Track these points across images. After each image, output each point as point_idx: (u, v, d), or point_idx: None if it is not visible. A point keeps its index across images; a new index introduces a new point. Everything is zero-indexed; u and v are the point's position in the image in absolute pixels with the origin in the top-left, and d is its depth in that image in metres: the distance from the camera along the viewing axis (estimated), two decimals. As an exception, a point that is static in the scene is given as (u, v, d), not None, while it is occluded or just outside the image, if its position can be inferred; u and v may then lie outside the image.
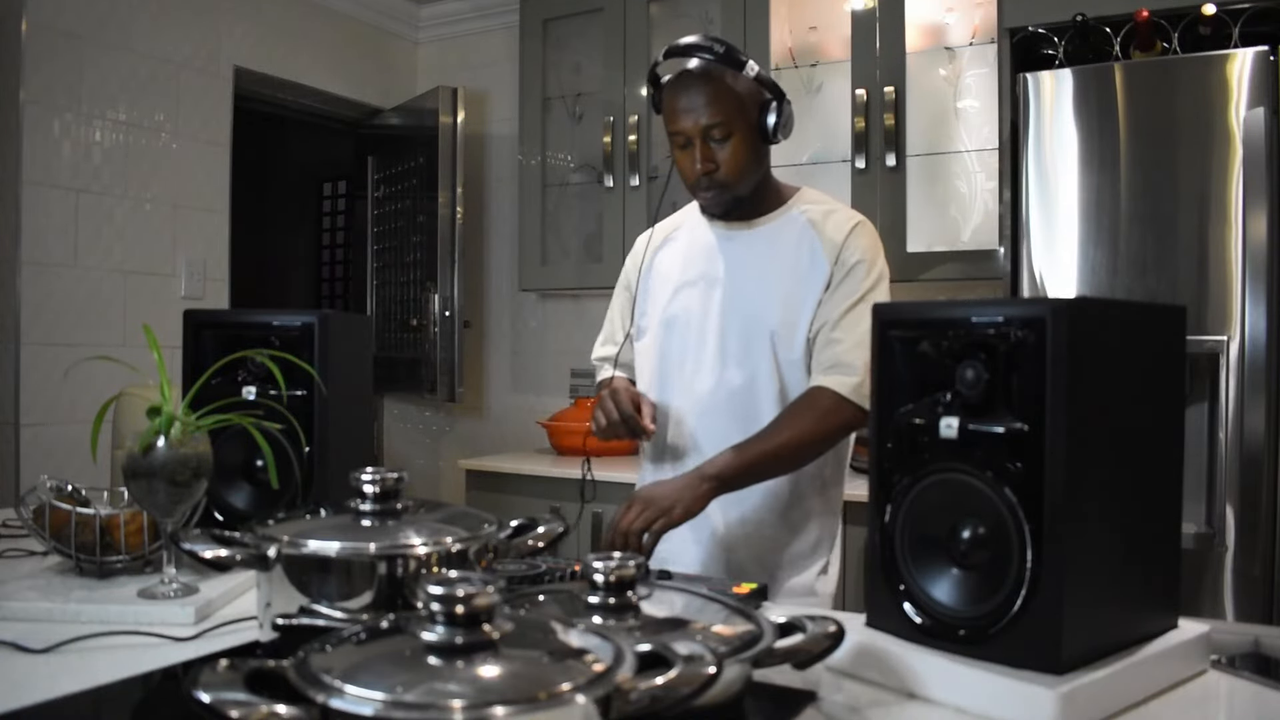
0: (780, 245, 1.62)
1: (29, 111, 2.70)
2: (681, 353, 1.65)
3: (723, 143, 1.53)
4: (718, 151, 1.54)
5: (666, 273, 1.71)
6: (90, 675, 0.94)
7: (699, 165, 1.54)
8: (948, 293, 2.79)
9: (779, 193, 1.66)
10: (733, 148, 1.54)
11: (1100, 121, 2.25)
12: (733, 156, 1.54)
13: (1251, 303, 2.08)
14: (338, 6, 3.68)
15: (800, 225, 1.62)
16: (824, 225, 1.61)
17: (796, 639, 0.83)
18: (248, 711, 0.57)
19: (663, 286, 1.71)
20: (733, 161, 1.54)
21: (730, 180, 1.56)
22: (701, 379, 1.62)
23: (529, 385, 3.81)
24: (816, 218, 1.62)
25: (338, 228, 5.09)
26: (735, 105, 1.52)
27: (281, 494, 1.36)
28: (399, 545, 0.87)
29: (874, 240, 1.62)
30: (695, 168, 1.54)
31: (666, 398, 1.66)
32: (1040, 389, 0.85)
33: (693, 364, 1.64)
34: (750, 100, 1.54)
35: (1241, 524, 2.09)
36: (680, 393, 1.65)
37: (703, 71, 1.52)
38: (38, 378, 2.72)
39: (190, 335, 1.47)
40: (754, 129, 1.55)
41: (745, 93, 1.54)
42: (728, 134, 1.53)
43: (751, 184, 1.60)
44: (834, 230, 1.60)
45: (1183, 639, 0.95)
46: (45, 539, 1.25)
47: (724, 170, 1.55)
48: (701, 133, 1.52)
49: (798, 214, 1.63)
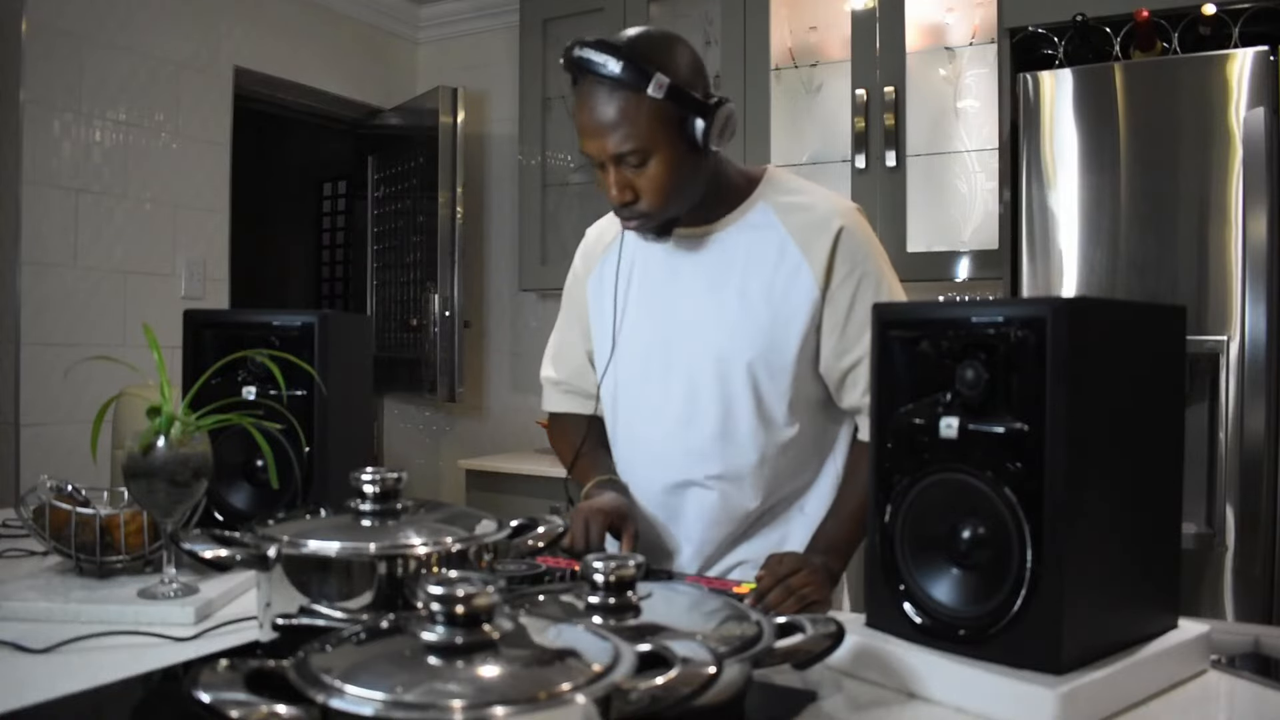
0: (745, 250, 1.38)
1: (29, 111, 2.70)
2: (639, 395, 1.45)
3: (640, 168, 1.28)
4: (636, 179, 1.29)
5: (610, 288, 1.48)
6: (90, 675, 0.93)
7: (614, 192, 1.30)
8: (948, 293, 2.79)
9: (737, 189, 1.41)
10: (653, 172, 1.28)
11: (1100, 121, 2.25)
12: (654, 182, 1.29)
13: (1251, 303, 2.08)
14: (338, 6, 3.68)
15: (768, 222, 1.38)
16: (800, 225, 1.37)
17: (796, 639, 0.83)
18: (248, 711, 0.57)
19: (606, 307, 1.48)
20: (655, 188, 1.29)
21: (654, 208, 1.31)
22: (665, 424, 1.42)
23: (529, 385, 3.80)
24: (788, 212, 1.38)
25: (338, 228, 5.09)
26: (647, 126, 1.25)
27: (281, 494, 1.36)
28: (399, 545, 0.87)
29: (868, 236, 1.40)
30: (613, 193, 1.31)
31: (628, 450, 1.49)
32: (1040, 389, 0.85)
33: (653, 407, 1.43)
34: (667, 116, 1.26)
35: (1241, 524, 2.09)
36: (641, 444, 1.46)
37: (603, 88, 1.26)
38: (38, 378, 2.72)
39: (190, 335, 1.47)
40: (678, 145, 1.28)
41: (657, 110, 1.25)
42: (644, 159, 1.27)
43: (690, 199, 1.35)
44: (815, 233, 1.36)
45: (1183, 639, 0.95)
46: (45, 539, 1.25)
47: (646, 200, 1.30)
48: (613, 159, 1.28)
49: (763, 207, 1.39)
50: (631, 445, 1.49)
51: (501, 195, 3.87)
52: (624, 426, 1.50)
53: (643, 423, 1.46)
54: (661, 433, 1.43)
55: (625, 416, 1.49)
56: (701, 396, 1.40)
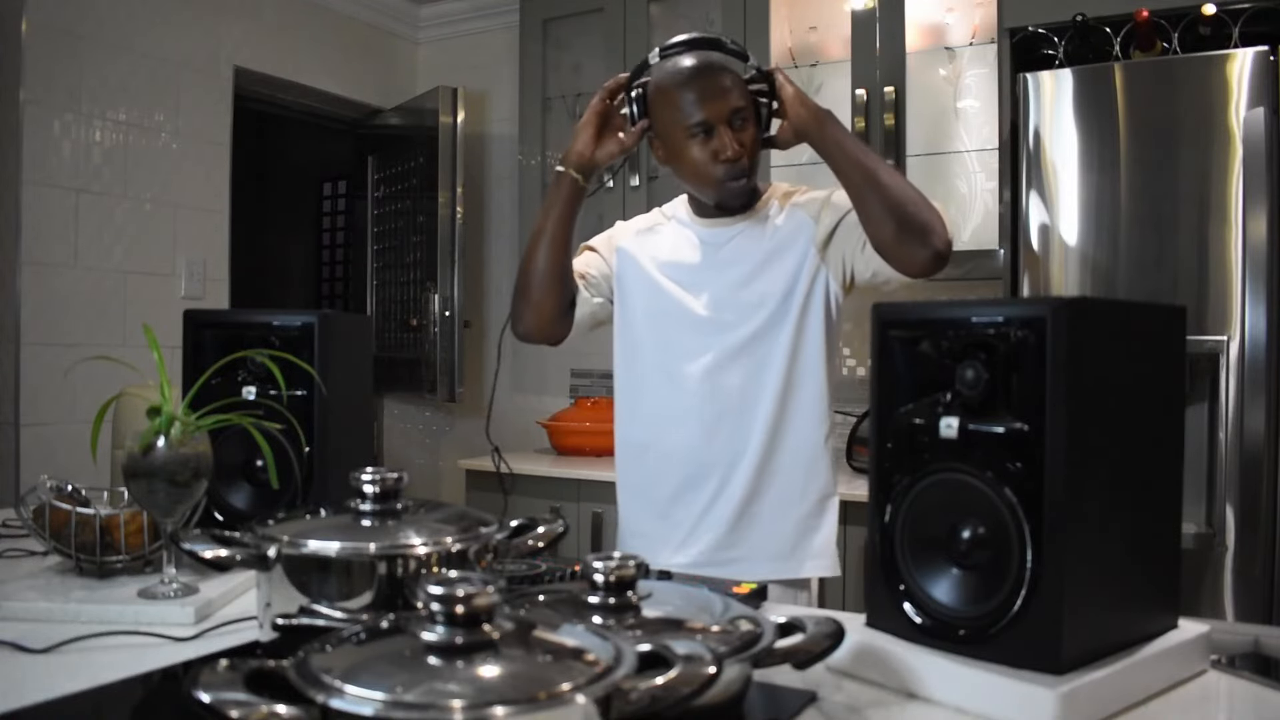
0: (763, 228, 1.62)
1: (29, 111, 2.70)
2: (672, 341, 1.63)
3: (743, 129, 1.53)
4: (742, 136, 1.53)
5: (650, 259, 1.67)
6: (90, 675, 0.93)
7: (730, 151, 1.52)
8: (948, 293, 2.79)
9: (757, 190, 1.66)
10: (751, 135, 1.55)
11: (1100, 121, 2.25)
12: (752, 143, 1.55)
13: (1251, 303, 2.08)
14: (338, 6, 3.68)
15: (777, 207, 1.63)
16: (800, 198, 1.63)
17: (796, 639, 0.83)
18: (248, 711, 0.57)
19: (643, 275, 1.67)
20: (753, 148, 1.56)
21: (752, 167, 1.57)
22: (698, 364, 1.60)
23: (529, 385, 3.81)
24: (792, 197, 1.64)
25: (338, 228, 5.09)
26: (749, 95, 1.55)
27: (281, 494, 1.36)
28: (399, 545, 0.87)
29: None
30: (726, 153, 1.52)
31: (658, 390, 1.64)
32: (1040, 389, 0.85)
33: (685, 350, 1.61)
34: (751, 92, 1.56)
35: (1241, 524, 2.09)
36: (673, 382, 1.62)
37: (721, 62, 1.54)
38: (38, 378, 2.72)
39: (190, 335, 1.47)
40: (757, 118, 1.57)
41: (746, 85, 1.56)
42: (746, 121, 1.54)
43: (756, 173, 1.60)
44: (811, 197, 1.62)
45: (1183, 639, 0.95)
46: (45, 539, 1.25)
47: (749, 156, 1.55)
48: (728, 117, 1.52)
49: (774, 201, 1.64)
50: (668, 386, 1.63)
51: (501, 195, 3.87)
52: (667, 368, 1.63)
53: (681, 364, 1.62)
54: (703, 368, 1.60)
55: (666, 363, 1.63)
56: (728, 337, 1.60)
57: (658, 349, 1.64)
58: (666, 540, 1.61)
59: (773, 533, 1.58)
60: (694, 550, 1.60)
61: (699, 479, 1.60)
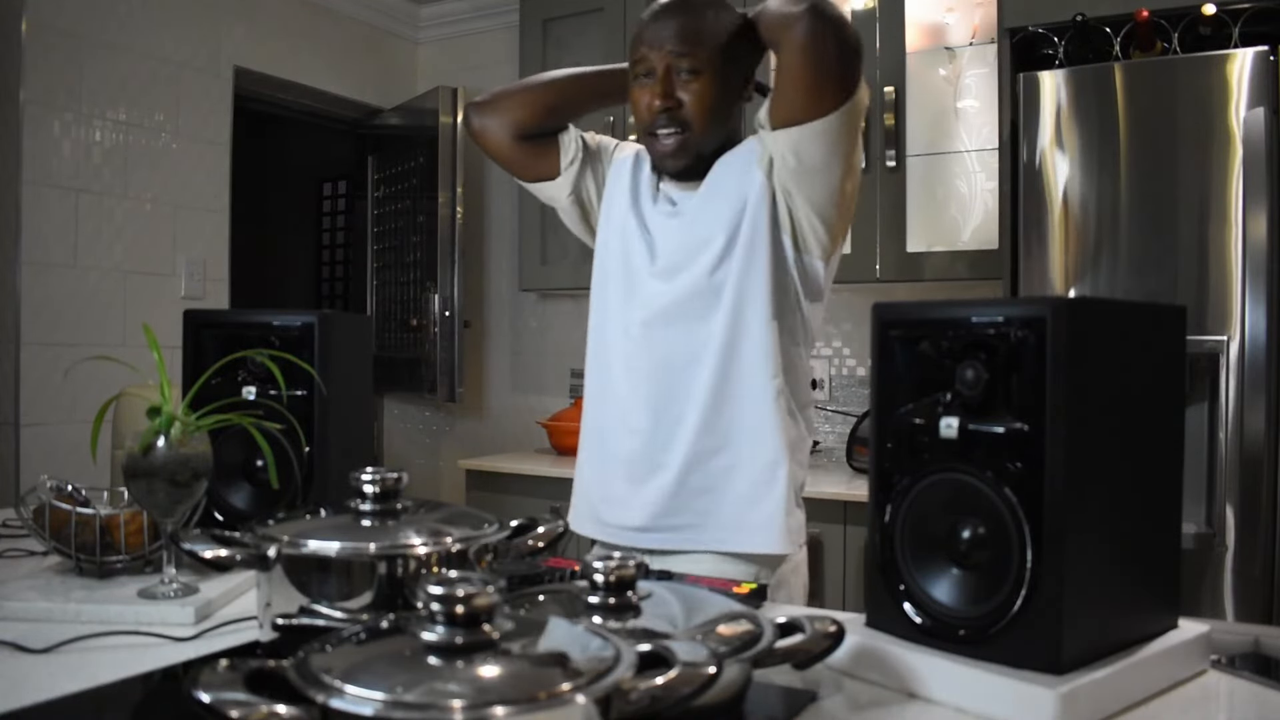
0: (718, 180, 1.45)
1: (29, 111, 2.70)
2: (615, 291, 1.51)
3: (690, 78, 1.37)
4: (682, 87, 1.37)
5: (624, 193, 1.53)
6: (90, 675, 0.93)
7: (657, 101, 1.37)
8: (948, 293, 2.79)
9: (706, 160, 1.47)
10: (700, 87, 1.37)
11: (1100, 121, 2.25)
12: (698, 97, 1.37)
13: (1251, 303, 2.08)
14: (338, 6, 3.68)
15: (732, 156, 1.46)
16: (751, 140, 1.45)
17: (796, 639, 0.83)
18: (248, 711, 0.57)
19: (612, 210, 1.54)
20: (698, 102, 1.37)
21: (693, 119, 1.38)
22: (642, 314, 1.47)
23: (529, 385, 3.81)
24: None
25: (338, 228, 5.09)
26: (713, 43, 1.37)
27: (281, 494, 1.36)
28: (399, 545, 0.87)
29: None
30: (654, 104, 1.38)
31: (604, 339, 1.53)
32: (1040, 389, 0.85)
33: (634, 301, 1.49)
34: (733, 44, 1.38)
35: (1241, 524, 2.09)
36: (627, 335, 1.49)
37: (692, 10, 1.38)
38: (38, 378, 2.72)
39: (190, 335, 1.47)
40: (728, 76, 1.39)
41: (728, 34, 1.38)
42: (696, 70, 1.37)
43: (714, 141, 1.42)
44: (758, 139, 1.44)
45: (1183, 639, 0.95)
46: (45, 539, 1.25)
47: (688, 108, 1.38)
48: (667, 63, 1.37)
49: None
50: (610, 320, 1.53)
51: (501, 195, 3.87)
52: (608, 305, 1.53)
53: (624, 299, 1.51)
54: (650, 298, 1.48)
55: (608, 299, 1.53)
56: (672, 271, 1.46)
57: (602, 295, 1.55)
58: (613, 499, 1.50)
59: (718, 500, 1.43)
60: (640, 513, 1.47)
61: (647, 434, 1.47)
